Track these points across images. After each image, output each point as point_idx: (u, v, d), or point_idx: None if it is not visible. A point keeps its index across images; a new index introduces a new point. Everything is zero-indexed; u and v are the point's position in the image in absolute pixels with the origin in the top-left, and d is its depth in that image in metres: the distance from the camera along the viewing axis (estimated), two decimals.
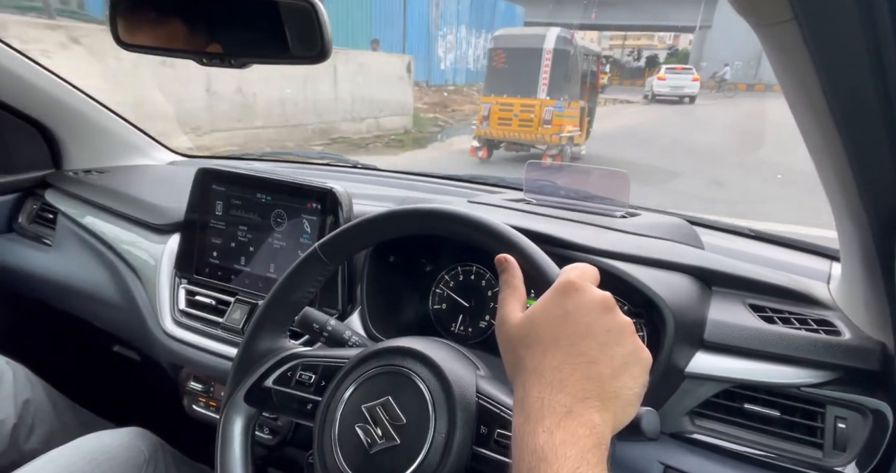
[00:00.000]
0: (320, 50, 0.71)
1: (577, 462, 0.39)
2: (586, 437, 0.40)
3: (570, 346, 0.43)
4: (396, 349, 0.57)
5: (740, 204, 5.47)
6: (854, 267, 0.70)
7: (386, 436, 0.52)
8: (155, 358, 1.13)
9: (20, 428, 1.04)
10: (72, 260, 1.27)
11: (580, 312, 0.44)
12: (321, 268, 0.65)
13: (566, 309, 0.45)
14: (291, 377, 0.63)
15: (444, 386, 0.53)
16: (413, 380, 0.54)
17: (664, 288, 0.73)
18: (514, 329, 0.47)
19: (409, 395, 0.54)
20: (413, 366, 0.55)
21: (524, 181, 1.08)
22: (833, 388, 0.68)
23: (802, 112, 0.57)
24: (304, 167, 1.65)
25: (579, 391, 0.42)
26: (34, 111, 1.36)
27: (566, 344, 0.43)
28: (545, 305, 0.46)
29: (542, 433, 0.40)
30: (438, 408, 0.52)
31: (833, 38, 0.46)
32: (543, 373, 0.43)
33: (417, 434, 0.52)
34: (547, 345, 0.44)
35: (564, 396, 0.41)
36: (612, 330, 0.44)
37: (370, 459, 0.53)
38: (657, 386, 0.72)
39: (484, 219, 0.56)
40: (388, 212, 0.62)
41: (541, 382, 0.42)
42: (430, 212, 0.60)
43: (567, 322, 0.44)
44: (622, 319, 0.45)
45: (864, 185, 0.56)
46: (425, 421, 0.52)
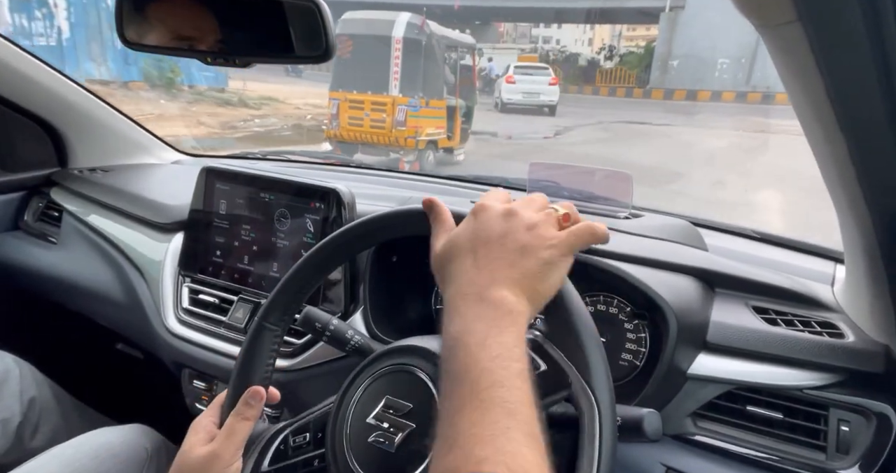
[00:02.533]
0: (325, 49, 0.71)
1: (487, 331, 0.45)
2: (495, 310, 0.46)
3: (475, 250, 0.50)
4: (388, 352, 0.58)
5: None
6: (858, 269, 0.70)
7: (400, 429, 0.52)
8: (158, 356, 1.13)
9: (25, 426, 1.04)
10: (77, 259, 1.27)
11: (486, 225, 0.51)
12: (272, 337, 0.65)
13: (475, 225, 0.52)
14: (286, 448, 0.62)
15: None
16: (412, 373, 0.55)
17: (667, 290, 0.73)
18: (437, 251, 0.53)
19: (410, 387, 0.54)
20: (411, 361, 0.55)
21: (527, 181, 1.08)
22: (836, 391, 0.68)
23: (807, 114, 0.57)
24: (308, 167, 1.65)
25: (487, 281, 0.48)
26: (40, 109, 1.36)
27: (471, 251, 0.50)
28: (461, 227, 0.53)
29: (456, 319, 0.47)
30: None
31: (838, 39, 0.46)
32: (459, 277, 0.50)
33: (428, 418, 0.51)
34: (462, 255, 0.51)
35: (475, 287, 0.48)
36: (509, 233, 0.50)
37: (393, 457, 0.52)
38: (659, 388, 0.72)
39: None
40: (308, 256, 0.63)
41: (457, 283, 0.50)
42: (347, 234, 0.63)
43: (476, 234, 0.51)
44: (521, 220, 0.51)
45: (868, 188, 0.56)
46: (431, 405, 0.51)
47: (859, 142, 0.52)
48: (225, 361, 0.99)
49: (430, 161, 6.89)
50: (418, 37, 6.55)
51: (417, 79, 6.63)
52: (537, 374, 0.51)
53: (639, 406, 0.58)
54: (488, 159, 8.31)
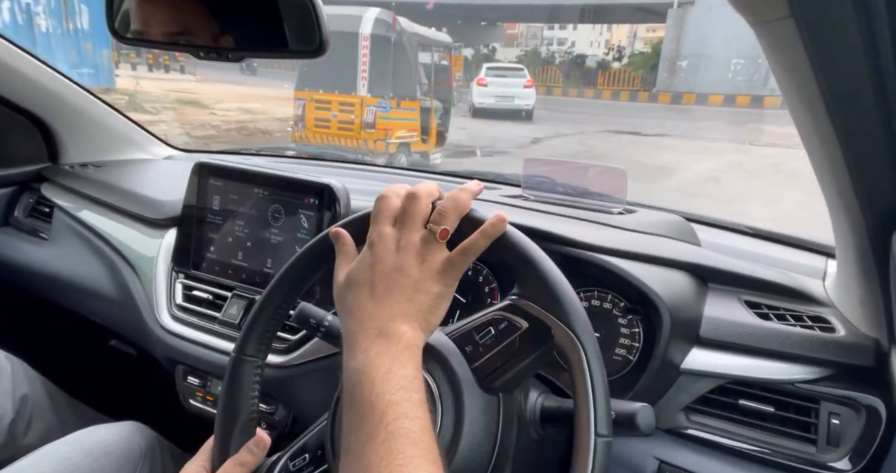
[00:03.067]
0: (319, 44, 0.71)
1: (390, 365, 0.47)
2: (397, 344, 0.48)
3: (372, 286, 0.52)
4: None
5: None
6: (849, 264, 0.70)
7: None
8: (152, 352, 1.13)
9: (18, 423, 1.04)
10: (68, 255, 1.26)
11: (380, 258, 0.52)
12: (253, 368, 0.64)
13: (370, 260, 0.53)
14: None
15: (443, 366, 0.53)
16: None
17: (660, 285, 0.73)
18: (339, 283, 0.55)
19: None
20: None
21: (522, 177, 1.08)
22: (827, 384, 0.68)
23: (799, 110, 0.57)
24: (302, 162, 1.65)
25: (386, 315, 0.50)
26: (30, 104, 1.35)
27: (369, 286, 0.52)
28: (357, 261, 0.55)
29: (359, 354, 0.49)
30: (443, 391, 0.52)
31: (830, 35, 0.46)
32: (355, 310, 0.52)
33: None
34: (357, 290, 0.53)
35: (375, 322, 0.50)
36: (402, 267, 0.52)
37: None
38: (653, 382, 0.72)
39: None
40: (275, 281, 0.64)
41: (354, 318, 0.52)
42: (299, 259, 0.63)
43: (369, 269, 0.53)
44: (412, 252, 0.52)
45: (860, 183, 0.56)
46: (431, 405, 0.52)
47: (851, 138, 0.53)
48: (219, 357, 0.98)
49: (402, 164, 6.38)
50: (388, 34, 6.20)
51: (387, 78, 6.31)
52: (520, 334, 0.53)
53: (632, 400, 0.59)
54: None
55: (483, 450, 0.51)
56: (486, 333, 0.54)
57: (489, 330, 0.54)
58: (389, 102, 6.32)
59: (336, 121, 6.38)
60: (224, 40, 0.76)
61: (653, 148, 9.50)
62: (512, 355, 0.53)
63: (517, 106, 12.54)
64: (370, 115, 6.24)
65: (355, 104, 6.29)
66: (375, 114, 6.24)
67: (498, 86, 12.29)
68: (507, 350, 0.53)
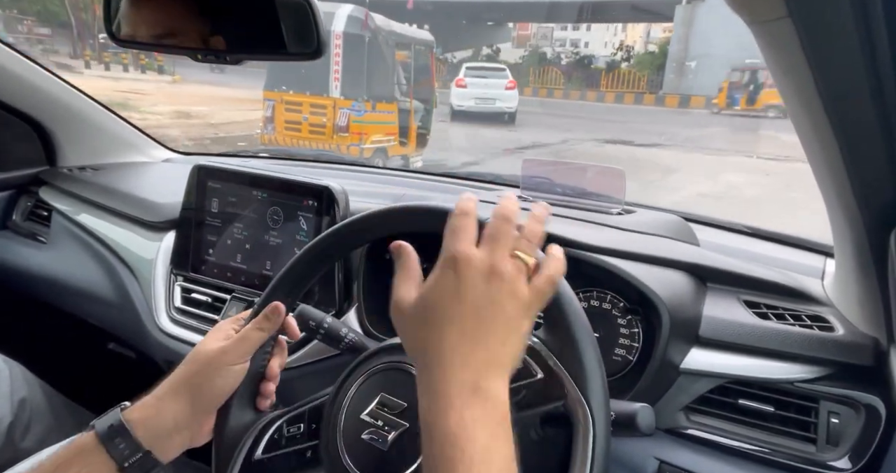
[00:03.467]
0: (316, 46, 0.71)
1: (489, 441, 0.40)
2: (493, 410, 0.42)
3: (462, 322, 0.44)
4: (384, 349, 0.58)
5: None
6: (848, 263, 0.71)
7: (394, 428, 0.53)
8: (150, 355, 1.13)
9: (16, 427, 1.04)
10: (67, 258, 1.26)
11: (467, 286, 0.44)
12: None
13: (454, 285, 0.45)
14: (280, 437, 0.61)
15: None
16: (407, 372, 0.55)
17: (660, 285, 0.74)
18: (408, 309, 0.47)
19: (405, 385, 0.54)
20: (406, 359, 0.55)
21: (521, 178, 1.08)
22: (826, 383, 0.68)
23: (797, 109, 0.57)
24: (300, 164, 1.65)
25: (481, 365, 0.43)
26: (28, 107, 1.35)
27: (459, 321, 0.44)
28: (435, 283, 0.46)
29: (452, 413, 0.41)
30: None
31: (828, 35, 0.47)
32: (444, 353, 0.43)
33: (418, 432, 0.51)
34: (442, 325, 0.44)
35: (468, 373, 0.42)
36: (497, 301, 0.44)
37: (385, 455, 0.52)
38: (653, 382, 0.72)
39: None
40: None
41: (443, 362, 0.43)
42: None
43: (456, 298, 0.44)
44: (506, 285, 0.45)
45: (858, 183, 0.56)
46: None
47: (849, 138, 0.53)
48: None
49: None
50: (361, 32, 5.79)
51: (361, 79, 5.86)
52: (532, 382, 0.50)
53: (632, 400, 0.59)
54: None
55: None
56: None
57: None
58: (364, 105, 5.90)
59: (307, 124, 5.96)
60: (215, 41, 0.75)
61: (640, 163, 8.09)
62: (517, 400, 0.50)
63: (499, 108, 11.67)
64: (343, 119, 5.82)
65: (327, 106, 5.86)
66: (349, 117, 5.81)
67: (478, 88, 11.46)
68: (514, 393, 0.49)
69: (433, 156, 7.34)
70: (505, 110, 11.72)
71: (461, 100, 11.80)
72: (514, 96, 11.96)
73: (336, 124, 5.82)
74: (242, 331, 0.61)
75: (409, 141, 6.66)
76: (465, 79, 11.96)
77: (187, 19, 0.75)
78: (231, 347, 0.60)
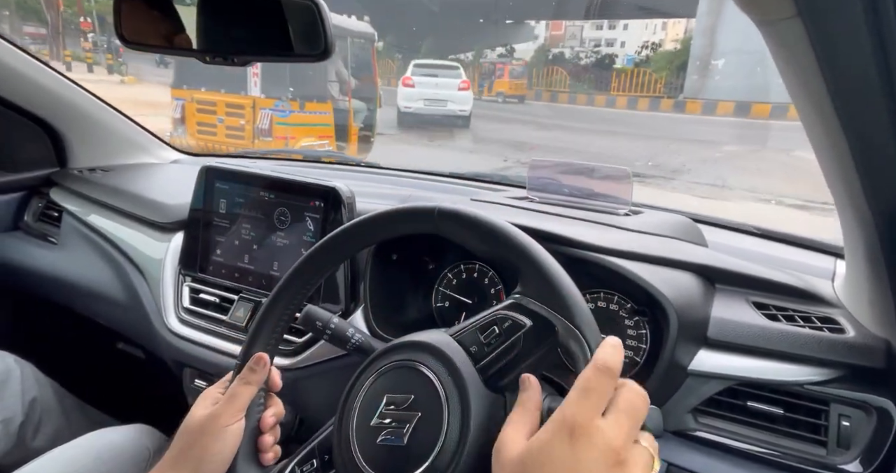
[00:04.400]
0: (324, 48, 0.71)
1: None
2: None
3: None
4: (390, 349, 0.58)
5: None
6: (858, 264, 0.70)
7: (407, 421, 0.53)
8: (159, 355, 1.14)
9: (27, 426, 1.05)
10: (77, 259, 1.27)
11: (583, 465, 0.39)
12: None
13: (569, 459, 0.40)
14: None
15: (448, 366, 0.53)
16: (412, 368, 0.55)
17: (668, 286, 0.73)
18: (512, 461, 0.43)
19: (409, 380, 0.54)
20: (413, 357, 0.55)
21: (527, 179, 1.08)
22: (837, 386, 0.68)
23: (807, 110, 0.57)
24: (308, 165, 1.65)
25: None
26: (39, 110, 1.36)
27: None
28: (549, 445, 0.41)
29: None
30: (448, 391, 0.52)
31: (838, 35, 0.46)
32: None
33: (433, 404, 0.52)
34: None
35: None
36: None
37: (405, 450, 0.52)
38: (661, 384, 0.72)
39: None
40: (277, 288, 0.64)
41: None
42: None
43: (580, 465, 0.39)
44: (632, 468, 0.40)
45: (868, 183, 0.56)
46: (437, 405, 0.52)
47: (860, 139, 0.52)
48: (226, 360, 0.99)
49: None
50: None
51: (285, 75, 5.23)
52: (524, 332, 0.52)
53: None
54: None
55: (490, 449, 0.51)
56: (491, 332, 0.54)
57: (493, 330, 0.54)
58: (289, 104, 5.20)
59: (223, 127, 5.23)
60: (230, 45, 0.76)
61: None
62: (516, 353, 0.53)
63: (450, 111, 10.36)
64: (265, 121, 5.12)
65: (245, 106, 5.16)
66: (272, 118, 5.13)
67: (427, 88, 10.13)
68: (511, 348, 0.53)
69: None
70: (458, 113, 10.49)
71: (408, 101, 10.48)
72: (469, 98, 10.70)
73: (257, 127, 5.14)
74: (230, 390, 0.61)
75: (348, 144, 5.94)
76: (412, 78, 10.54)
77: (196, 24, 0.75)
78: (222, 409, 0.60)
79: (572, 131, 11.37)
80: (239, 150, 4.29)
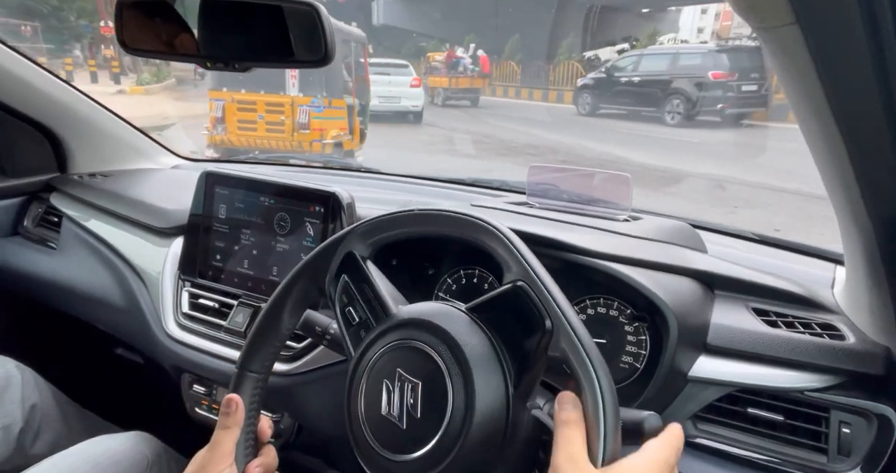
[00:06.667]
0: (324, 53, 0.71)
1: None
2: None
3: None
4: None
5: None
6: (858, 271, 0.70)
7: (412, 407, 0.53)
8: (158, 361, 1.13)
9: (26, 433, 1.04)
10: (76, 264, 1.27)
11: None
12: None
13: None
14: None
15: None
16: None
17: (667, 292, 0.73)
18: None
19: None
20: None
21: (527, 184, 1.08)
22: (837, 393, 0.67)
23: (805, 117, 0.57)
24: (307, 171, 1.66)
25: None
26: (39, 115, 1.37)
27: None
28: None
29: None
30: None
31: (836, 41, 0.46)
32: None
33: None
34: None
35: None
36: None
37: (403, 433, 0.53)
38: (660, 391, 0.72)
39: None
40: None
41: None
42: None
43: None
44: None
45: (868, 190, 0.56)
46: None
47: (858, 145, 0.53)
48: (225, 366, 0.98)
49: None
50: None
51: (320, 77, 5.96)
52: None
53: (639, 408, 0.58)
54: None
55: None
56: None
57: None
58: (323, 102, 5.97)
59: (264, 123, 6.00)
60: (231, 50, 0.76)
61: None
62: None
63: (403, 107, 10.93)
64: (304, 116, 5.89)
65: (285, 104, 5.92)
66: (309, 114, 5.89)
67: (381, 85, 10.32)
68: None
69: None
70: (410, 109, 11.07)
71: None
72: (420, 94, 11.31)
73: (297, 121, 5.86)
74: (212, 439, 0.61)
75: (353, 136, 6.55)
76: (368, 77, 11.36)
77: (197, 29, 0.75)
78: (207, 459, 0.60)
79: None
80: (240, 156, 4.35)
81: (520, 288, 0.53)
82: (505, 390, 0.52)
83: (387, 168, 1.60)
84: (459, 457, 0.50)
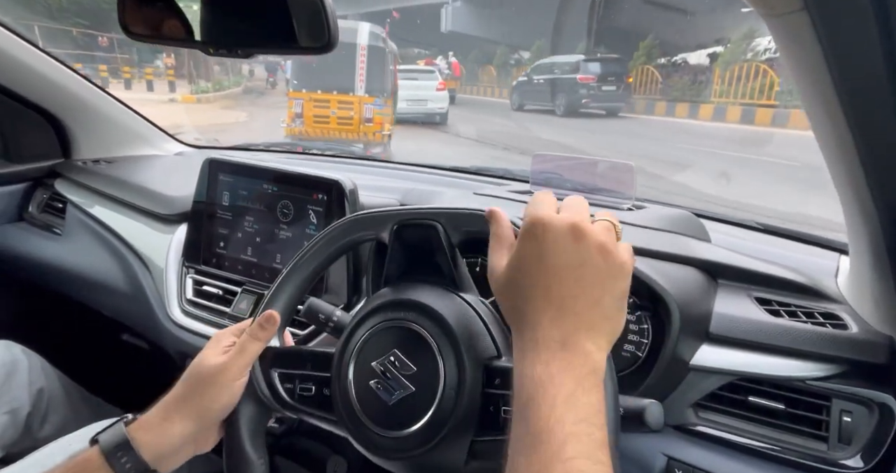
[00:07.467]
0: (327, 40, 0.71)
1: (573, 387, 0.41)
2: (581, 365, 0.43)
3: (547, 288, 0.45)
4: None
5: None
6: (862, 260, 0.70)
7: (401, 387, 0.54)
8: (163, 346, 1.14)
9: (34, 417, 1.06)
10: (81, 250, 1.28)
11: (551, 252, 0.45)
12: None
13: (537, 251, 0.46)
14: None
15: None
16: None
17: (670, 281, 0.73)
18: (500, 278, 0.48)
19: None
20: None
21: (530, 173, 1.08)
22: (839, 382, 0.68)
23: (813, 104, 0.56)
24: (311, 158, 1.65)
25: (569, 325, 0.44)
26: (44, 101, 1.36)
27: (544, 286, 0.45)
28: (520, 251, 0.47)
29: (538, 365, 0.43)
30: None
31: (844, 28, 0.46)
32: (531, 317, 0.45)
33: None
34: (529, 291, 0.46)
35: (556, 332, 0.44)
36: (584, 261, 0.45)
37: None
38: (662, 379, 0.72)
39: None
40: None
41: (531, 325, 0.45)
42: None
43: (541, 264, 0.45)
44: (592, 242, 0.45)
45: (873, 178, 0.56)
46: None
47: (865, 133, 0.52)
48: None
49: (391, 151, 7.86)
50: (380, 44, 7.58)
51: (382, 80, 7.65)
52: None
53: (641, 396, 0.59)
54: None
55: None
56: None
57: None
58: (383, 101, 7.55)
59: (335, 118, 7.45)
60: (233, 37, 0.75)
61: None
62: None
63: (430, 110, 11.76)
64: (369, 112, 7.42)
65: (353, 102, 7.41)
66: (373, 110, 7.43)
67: (409, 90, 11.21)
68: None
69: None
70: (436, 111, 11.92)
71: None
72: (445, 97, 12.23)
73: (363, 117, 7.43)
74: (239, 343, 0.62)
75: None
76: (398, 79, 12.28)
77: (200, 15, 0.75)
78: (230, 362, 0.61)
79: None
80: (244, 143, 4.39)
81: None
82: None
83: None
84: (453, 431, 0.51)
